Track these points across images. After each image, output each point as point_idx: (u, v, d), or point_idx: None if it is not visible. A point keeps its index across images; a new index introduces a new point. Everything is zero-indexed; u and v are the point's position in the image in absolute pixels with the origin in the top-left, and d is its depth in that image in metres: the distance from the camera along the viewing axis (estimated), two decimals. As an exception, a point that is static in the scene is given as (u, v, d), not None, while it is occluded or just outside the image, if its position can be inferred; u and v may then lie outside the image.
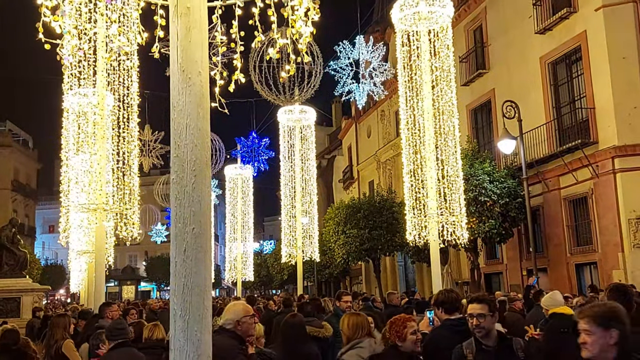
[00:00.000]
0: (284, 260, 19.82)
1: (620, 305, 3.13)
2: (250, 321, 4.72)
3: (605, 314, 2.98)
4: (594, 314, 3.01)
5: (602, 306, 3.11)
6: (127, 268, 63.98)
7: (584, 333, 2.97)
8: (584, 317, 3.05)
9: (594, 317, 2.98)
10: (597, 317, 2.96)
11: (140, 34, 4.93)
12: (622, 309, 3.07)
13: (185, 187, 3.21)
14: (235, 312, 4.69)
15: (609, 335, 2.88)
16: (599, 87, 18.50)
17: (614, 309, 3.04)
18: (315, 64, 17.06)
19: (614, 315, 2.96)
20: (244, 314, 4.68)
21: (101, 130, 11.32)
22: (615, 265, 17.63)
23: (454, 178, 12.10)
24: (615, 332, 2.90)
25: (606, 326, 2.91)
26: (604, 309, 3.05)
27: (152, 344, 6.22)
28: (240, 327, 4.61)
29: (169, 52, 3.43)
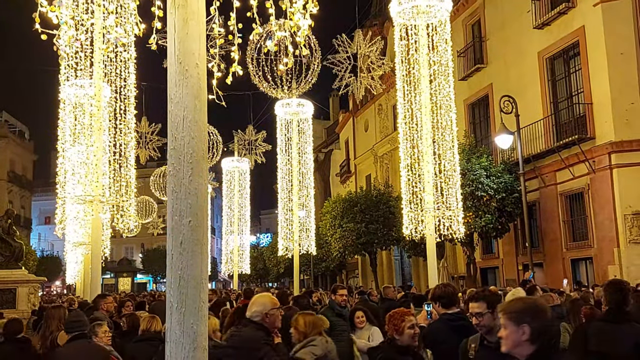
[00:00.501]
0: (281, 253, 19.84)
1: (540, 302, 3.07)
2: (277, 313, 4.78)
3: (518, 310, 2.93)
4: (508, 309, 2.99)
5: (518, 301, 3.06)
6: (123, 260, 63.94)
7: (502, 327, 2.96)
8: (500, 312, 3.05)
9: (508, 313, 2.95)
10: (510, 313, 2.93)
11: (137, 26, 4.91)
12: (541, 305, 3.00)
13: (182, 179, 3.20)
14: (263, 304, 4.73)
15: (521, 331, 2.84)
16: (597, 83, 18.51)
17: (528, 305, 2.99)
18: (313, 57, 17.01)
19: (527, 312, 2.90)
20: (271, 306, 4.73)
21: (98, 122, 11.28)
22: (611, 260, 17.68)
23: (450, 172, 12.11)
24: (527, 328, 2.84)
25: (518, 322, 2.86)
26: (518, 304, 3.00)
27: (150, 336, 6.22)
28: (268, 319, 4.67)
29: (167, 44, 3.41)
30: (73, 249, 19.51)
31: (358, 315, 7.65)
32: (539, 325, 2.85)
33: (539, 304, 2.99)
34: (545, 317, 2.90)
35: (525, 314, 2.89)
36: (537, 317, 2.88)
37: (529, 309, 2.93)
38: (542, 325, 2.86)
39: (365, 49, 18.40)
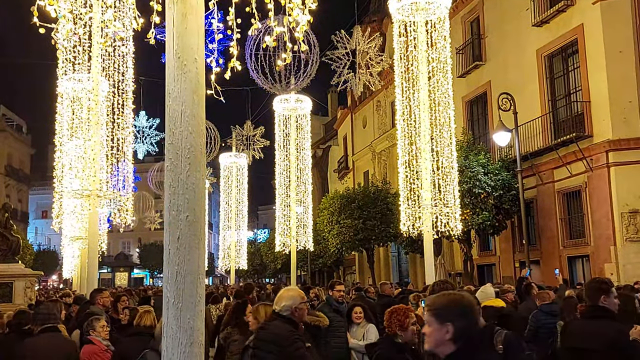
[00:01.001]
0: (278, 249, 19.86)
1: (466, 299, 2.90)
2: (305, 307, 4.86)
3: (444, 307, 2.81)
4: (433, 305, 2.86)
5: (444, 298, 2.90)
6: (120, 255, 63.98)
7: (426, 324, 2.85)
8: (426, 307, 2.93)
9: (433, 310, 2.82)
10: (435, 310, 2.80)
11: (136, 20, 4.89)
12: (467, 303, 2.85)
13: (180, 174, 3.20)
14: (293, 298, 4.79)
15: (444, 329, 2.71)
16: (595, 81, 18.52)
17: (454, 302, 2.85)
18: (312, 53, 16.99)
19: (452, 310, 2.78)
20: (300, 300, 4.80)
21: (95, 116, 11.26)
22: (607, 258, 17.73)
23: (448, 169, 12.13)
24: (451, 327, 2.72)
25: (442, 320, 2.74)
26: (444, 301, 2.86)
27: (140, 330, 6.23)
28: (297, 313, 4.74)
29: (165, 39, 3.40)
30: (70, 243, 19.51)
31: (356, 311, 7.66)
32: (464, 324, 2.74)
33: (465, 301, 2.85)
34: (470, 315, 2.80)
35: (450, 312, 2.77)
36: (462, 315, 2.77)
37: (455, 306, 2.80)
38: (466, 324, 2.75)
39: (364, 45, 18.39)
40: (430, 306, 2.86)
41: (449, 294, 2.90)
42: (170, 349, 3.06)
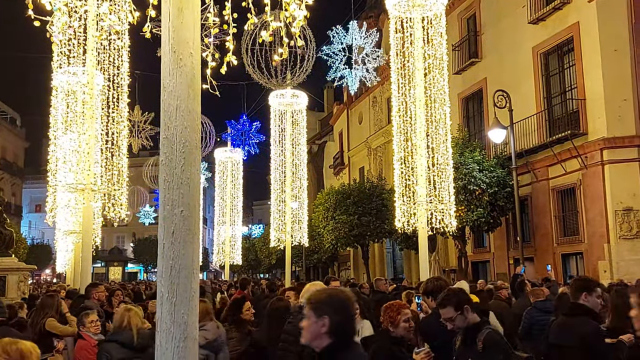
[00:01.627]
0: (273, 244, 19.84)
1: (344, 294, 2.95)
2: None
3: (321, 301, 2.86)
4: (311, 299, 2.91)
5: (322, 292, 2.96)
6: (114, 249, 63.83)
7: (305, 318, 2.90)
8: (306, 301, 2.99)
9: (311, 304, 2.88)
10: (313, 304, 2.86)
11: (131, 13, 4.87)
12: (345, 298, 2.90)
13: (175, 169, 3.19)
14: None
15: (321, 322, 2.77)
16: (590, 79, 18.56)
17: (332, 296, 2.90)
18: (308, 49, 16.96)
19: (330, 304, 2.83)
20: None
21: (90, 110, 11.21)
22: (601, 256, 17.80)
23: (443, 166, 12.14)
24: (327, 320, 2.78)
25: (319, 313, 2.80)
26: (322, 295, 2.91)
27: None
28: None
29: (161, 33, 3.38)
30: (64, 237, 19.45)
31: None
32: (340, 318, 2.80)
33: (343, 296, 2.90)
34: (347, 310, 2.85)
35: (327, 306, 2.83)
36: (339, 309, 2.81)
37: (332, 300, 2.85)
38: (342, 319, 2.81)
39: (361, 41, 18.36)
40: (309, 300, 2.92)
41: (328, 289, 2.99)
42: (164, 344, 3.06)
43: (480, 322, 4.21)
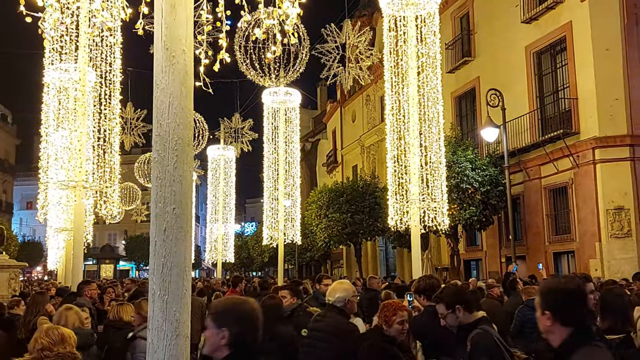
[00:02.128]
0: (265, 242, 19.81)
1: (247, 305, 2.90)
2: (355, 300, 5.02)
3: (222, 311, 2.84)
4: (212, 309, 2.90)
5: (224, 302, 2.93)
6: (106, 247, 63.63)
7: (207, 328, 2.88)
8: (208, 311, 2.97)
9: (211, 314, 2.86)
10: (213, 314, 2.84)
11: (124, 10, 4.85)
12: (247, 308, 2.85)
13: (167, 166, 3.18)
14: (346, 290, 4.93)
15: (221, 334, 2.74)
16: (582, 78, 18.64)
17: (232, 307, 2.87)
18: (302, 46, 16.93)
19: (230, 314, 2.80)
20: (352, 293, 4.97)
21: (82, 107, 11.16)
22: (592, 254, 17.89)
23: (436, 165, 12.15)
24: (227, 332, 2.74)
25: (219, 324, 2.77)
26: (222, 305, 2.89)
27: (119, 325, 6.22)
28: (349, 306, 4.90)
29: (153, 29, 3.37)
30: (55, 234, 19.36)
31: None
32: (239, 330, 2.75)
33: (245, 307, 2.85)
34: (249, 321, 2.80)
35: (227, 317, 2.79)
36: (239, 321, 2.77)
37: (233, 312, 2.81)
38: (242, 330, 2.76)
39: (354, 39, 18.35)
40: (210, 310, 2.90)
41: (230, 299, 2.95)
42: (156, 342, 3.05)
43: (475, 321, 4.20)
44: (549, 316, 2.66)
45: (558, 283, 2.84)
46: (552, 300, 2.72)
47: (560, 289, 2.75)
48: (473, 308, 4.28)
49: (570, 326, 2.65)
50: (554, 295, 2.74)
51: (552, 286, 2.82)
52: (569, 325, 2.65)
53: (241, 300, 2.90)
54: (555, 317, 2.66)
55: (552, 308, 2.68)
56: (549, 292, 2.78)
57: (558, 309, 2.67)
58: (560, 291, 2.74)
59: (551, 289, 2.80)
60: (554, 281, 2.91)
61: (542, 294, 2.79)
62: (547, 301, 2.72)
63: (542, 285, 2.96)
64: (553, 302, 2.71)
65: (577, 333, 2.64)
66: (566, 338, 2.63)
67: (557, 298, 2.72)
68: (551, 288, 2.80)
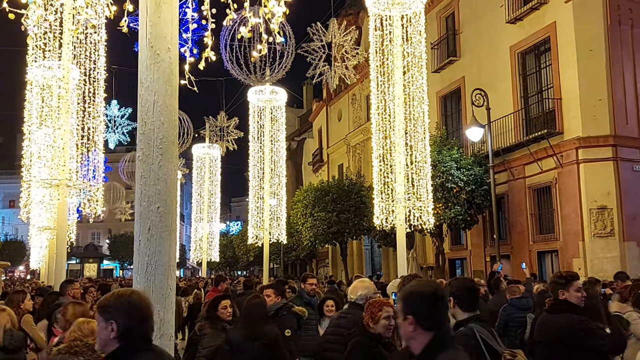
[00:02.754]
0: (251, 241, 19.75)
1: (136, 296, 2.83)
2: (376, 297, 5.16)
3: (109, 305, 2.75)
4: (99, 303, 2.85)
5: (111, 296, 2.86)
6: (89, 246, 63.13)
7: (96, 323, 2.83)
8: (96, 306, 2.92)
9: (99, 308, 2.80)
10: (101, 308, 2.78)
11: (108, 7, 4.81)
12: (134, 300, 2.79)
13: (151, 165, 3.16)
14: (368, 288, 5.10)
15: (110, 327, 2.70)
16: (566, 79, 18.80)
17: (119, 299, 2.78)
18: (288, 45, 16.91)
19: (118, 307, 2.73)
20: (373, 291, 5.19)
21: (66, 105, 11.05)
22: (576, 253, 18.06)
23: (422, 164, 12.19)
24: (114, 325, 2.68)
25: (107, 318, 2.72)
26: (110, 299, 2.78)
27: None
28: None
29: (138, 27, 3.35)
30: (38, 233, 19.18)
31: (328, 304, 7.68)
32: (127, 321, 2.70)
33: (132, 299, 2.80)
34: (138, 312, 2.75)
35: (114, 310, 2.73)
36: (126, 313, 2.73)
37: (120, 304, 2.76)
38: (130, 322, 2.71)
39: (340, 38, 18.36)
40: (98, 304, 2.85)
41: (118, 291, 2.88)
42: (140, 342, 3.03)
43: (465, 320, 4.22)
44: (411, 321, 2.59)
45: (419, 287, 2.78)
46: (414, 305, 2.64)
47: (422, 293, 2.69)
48: (465, 306, 4.28)
49: (432, 330, 2.59)
50: (416, 300, 2.67)
51: (414, 290, 2.74)
52: (431, 329, 2.59)
53: (128, 292, 2.84)
54: (417, 322, 2.60)
55: (414, 313, 2.61)
56: (411, 297, 2.70)
57: (420, 313, 2.61)
58: (422, 295, 2.67)
59: (413, 293, 2.72)
60: (414, 285, 2.82)
61: (404, 298, 2.70)
62: (409, 306, 2.64)
63: (403, 290, 2.83)
64: (416, 306, 2.63)
65: (438, 337, 2.58)
66: (427, 343, 2.58)
67: (420, 302, 2.65)
68: (413, 292, 2.72)
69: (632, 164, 18.22)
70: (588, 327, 4.61)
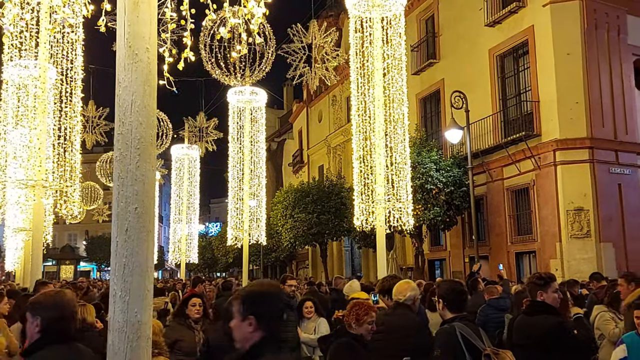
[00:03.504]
0: (230, 243, 19.66)
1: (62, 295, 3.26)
2: (418, 299, 5.47)
3: (34, 302, 3.12)
4: (30, 302, 3.20)
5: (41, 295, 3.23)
6: (66, 247, 62.27)
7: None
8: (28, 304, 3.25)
9: (27, 307, 3.15)
10: (28, 306, 3.14)
11: (86, 6, 4.76)
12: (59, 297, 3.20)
13: (129, 165, 3.13)
14: (415, 290, 5.35)
15: (35, 322, 3.06)
16: (544, 81, 19.02)
17: (44, 297, 3.17)
18: (268, 46, 16.87)
19: (40, 303, 3.11)
20: (418, 292, 5.43)
21: (42, 104, 10.91)
22: (553, 254, 18.27)
23: (401, 165, 12.23)
24: (39, 320, 3.05)
25: (33, 314, 3.07)
26: (39, 297, 3.18)
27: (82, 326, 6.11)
28: (415, 303, 5.29)
29: (116, 27, 3.31)
30: (13, 234, 18.89)
31: (307, 306, 7.68)
32: (52, 316, 3.05)
33: (57, 296, 3.18)
34: (61, 308, 3.09)
35: (40, 305, 3.10)
36: (51, 308, 3.10)
37: (45, 300, 3.13)
38: (54, 316, 3.06)
39: (320, 39, 18.37)
40: (29, 302, 3.20)
41: (47, 291, 3.34)
42: (117, 343, 2.99)
43: (450, 318, 4.29)
44: (251, 321, 2.55)
45: (260, 287, 2.75)
46: (255, 306, 2.60)
47: (263, 293, 2.67)
48: (452, 307, 4.34)
49: (265, 331, 2.57)
50: (257, 300, 2.63)
51: (255, 291, 2.71)
52: (265, 330, 2.57)
53: (55, 291, 3.19)
54: (258, 322, 2.56)
55: (255, 313, 2.57)
56: (253, 297, 2.65)
57: (260, 313, 2.57)
58: (264, 296, 2.65)
59: (254, 292, 2.68)
60: (254, 286, 2.80)
61: (244, 299, 2.64)
62: (249, 306, 2.59)
63: (241, 291, 2.78)
64: (257, 307, 2.59)
65: (268, 338, 2.57)
66: (256, 342, 2.55)
67: (260, 303, 2.61)
68: (254, 292, 2.68)
69: (608, 166, 18.50)
70: (565, 329, 4.66)
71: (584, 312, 7.02)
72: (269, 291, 2.69)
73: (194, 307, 6.44)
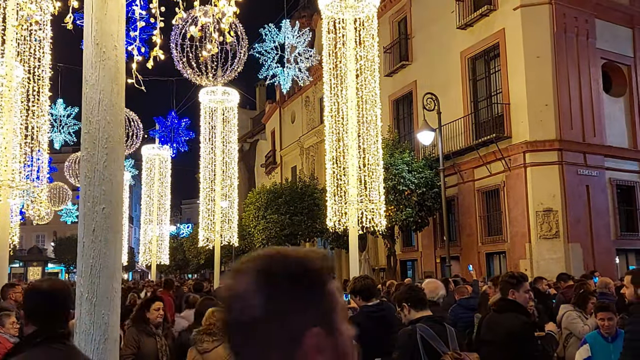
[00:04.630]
0: (201, 244, 19.49)
1: None
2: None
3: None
4: None
5: None
6: (33, 248, 61.10)
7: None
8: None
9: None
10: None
11: (52, 3, 4.68)
12: None
13: (96, 164, 3.07)
14: (443, 288, 5.78)
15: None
16: (514, 84, 19.28)
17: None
18: (240, 46, 16.77)
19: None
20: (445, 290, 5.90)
21: (8, 103, 10.67)
22: (522, 255, 18.52)
23: (374, 166, 12.27)
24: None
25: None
26: None
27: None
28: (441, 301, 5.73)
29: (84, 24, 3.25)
30: (-21, 236, 18.43)
31: None
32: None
33: None
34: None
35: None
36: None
37: None
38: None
39: (293, 40, 18.35)
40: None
41: None
42: (83, 346, 2.94)
43: (415, 319, 4.31)
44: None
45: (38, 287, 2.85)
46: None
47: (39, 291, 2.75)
48: (414, 305, 4.38)
49: (36, 325, 2.63)
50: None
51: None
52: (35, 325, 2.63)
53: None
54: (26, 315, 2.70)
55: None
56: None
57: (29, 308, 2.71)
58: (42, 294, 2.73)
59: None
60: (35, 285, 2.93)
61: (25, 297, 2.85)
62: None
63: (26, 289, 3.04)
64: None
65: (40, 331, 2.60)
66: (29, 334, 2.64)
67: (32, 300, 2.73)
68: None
69: (576, 168, 18.82)
70: (529, 331, 4.73)
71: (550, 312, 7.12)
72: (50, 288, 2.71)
73: (157, 312, 6.23)
